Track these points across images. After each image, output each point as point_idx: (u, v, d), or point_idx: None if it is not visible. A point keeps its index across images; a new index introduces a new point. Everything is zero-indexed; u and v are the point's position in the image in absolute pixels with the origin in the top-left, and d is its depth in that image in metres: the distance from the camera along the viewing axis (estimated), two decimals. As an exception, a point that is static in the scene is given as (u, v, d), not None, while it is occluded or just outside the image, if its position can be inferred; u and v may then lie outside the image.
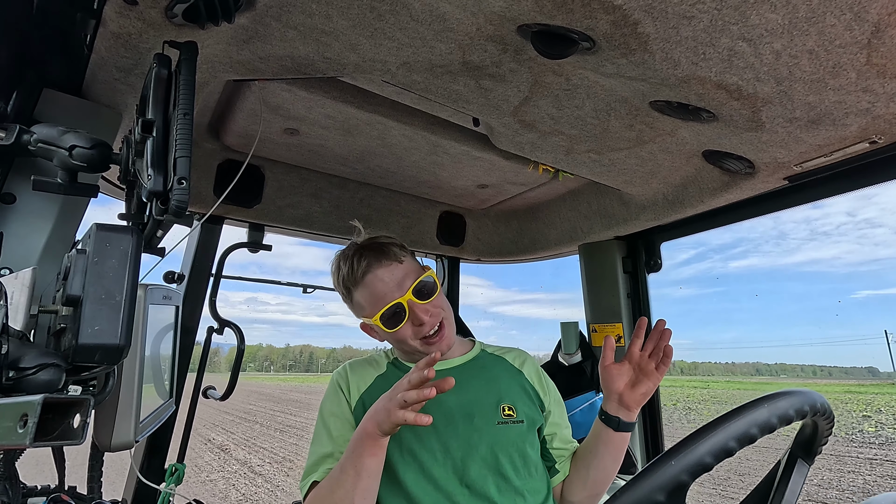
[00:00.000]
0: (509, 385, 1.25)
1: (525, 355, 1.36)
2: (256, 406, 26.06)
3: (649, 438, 1.98)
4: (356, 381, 1.24)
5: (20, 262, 0.85)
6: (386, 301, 1.15)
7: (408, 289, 1.15)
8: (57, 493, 1.00)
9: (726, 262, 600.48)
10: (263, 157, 1.67)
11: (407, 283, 1.16)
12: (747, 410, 0.65)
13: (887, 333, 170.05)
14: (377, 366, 1.29)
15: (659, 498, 0.58)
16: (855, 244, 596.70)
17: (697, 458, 0.60)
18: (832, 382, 69.32)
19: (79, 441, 0.54)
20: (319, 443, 1.16)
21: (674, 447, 0.63)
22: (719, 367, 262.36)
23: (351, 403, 1.20)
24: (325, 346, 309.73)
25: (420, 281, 1.16)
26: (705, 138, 1.22)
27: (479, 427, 1.14)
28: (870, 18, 0.76)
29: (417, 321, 1.15)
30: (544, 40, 0.88)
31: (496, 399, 1.20)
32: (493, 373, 1.27)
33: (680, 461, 0.60)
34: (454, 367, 1.26)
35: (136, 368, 0.95)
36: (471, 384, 1.22)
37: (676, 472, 0.59)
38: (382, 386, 1.21)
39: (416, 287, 1.16)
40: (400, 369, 1.26)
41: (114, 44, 0.89)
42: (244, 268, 27.70)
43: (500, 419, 1.17)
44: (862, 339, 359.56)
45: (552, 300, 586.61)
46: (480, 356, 1.31)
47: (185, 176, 0.63)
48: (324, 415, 1.22)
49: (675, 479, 0.59)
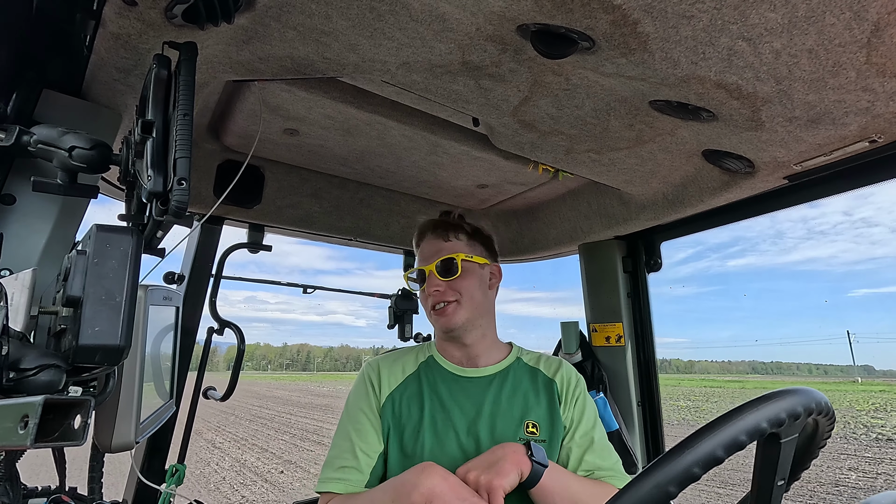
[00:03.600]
0: (538, 400, 1.23)
1: (561, 363, 1.33)
2: (239, 402, 28.32)
3: (649, 438, 1.98)
4: (387, 377, 1.25)
5: (20, 263, 0.85)
6: (420, 264, 1.32)
7: (435, 260, 1.27)
8: (58, 493, 1.00)
9: (724, 261, 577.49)
10: (263, 158, 1.67)
11: (438, 256, 1.28)
12: (752, 408, 0.65)
13: (849, 333, 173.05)
14: (410, 363, 1.29)
15: (671, 490, 0.58)
16: (851, 243, 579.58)
17: (709, 450, 0.60)
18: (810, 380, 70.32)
19: (79, 442, 0.54)
20: (343, 436, 1.19)
21: (683, 441, 0.63)
22: (715, 365, 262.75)
23: (380, 400, 1.21)
24: (322, 345, 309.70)
25: (445, 259, 1.27)
26: (705, 138, 1.22)
27: (499, 441, 1.13)
28: (869, 17, 0.76)
29: (430, 290, 1.26)
30: (544, 40, 0.88)
31: (521, 414, 1.19)
32: (523, 386, 1.25)
33: (689, 455, 0.60)
34: (484, 377, 1.26)
35: (137, 369, 0.95)
36: (499, 397, 1.22)
37: (688, 464, 0.59)
38: (413, 386, 1.25)
39: (440, 263, 1.27)
40: (432, 370, 1.27)
41: (113, 44, 0.89)
42: (243, 267, 27.78)
43: (523, 436, 1.16)
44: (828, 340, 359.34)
45: (551, 299, 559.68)
46: (514, 366, 1.30)
47: (184, 176, 0.63)
48: (350, 409, 1.24)
49: (687, 471, 0.59)
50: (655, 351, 2.00)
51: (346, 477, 1.11)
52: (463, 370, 1.27)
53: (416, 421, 1.18)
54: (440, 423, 1.17)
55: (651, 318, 2.01)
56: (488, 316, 1.32)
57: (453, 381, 1.25)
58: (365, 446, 1.15)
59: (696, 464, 0.59)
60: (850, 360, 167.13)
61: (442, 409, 1.19)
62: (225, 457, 12.84)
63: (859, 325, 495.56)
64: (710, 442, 0.61)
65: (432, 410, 1.19)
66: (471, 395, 1.22)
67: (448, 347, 1.31)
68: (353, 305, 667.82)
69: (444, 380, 1.25)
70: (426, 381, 1.25)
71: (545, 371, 1.30)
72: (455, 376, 1.26)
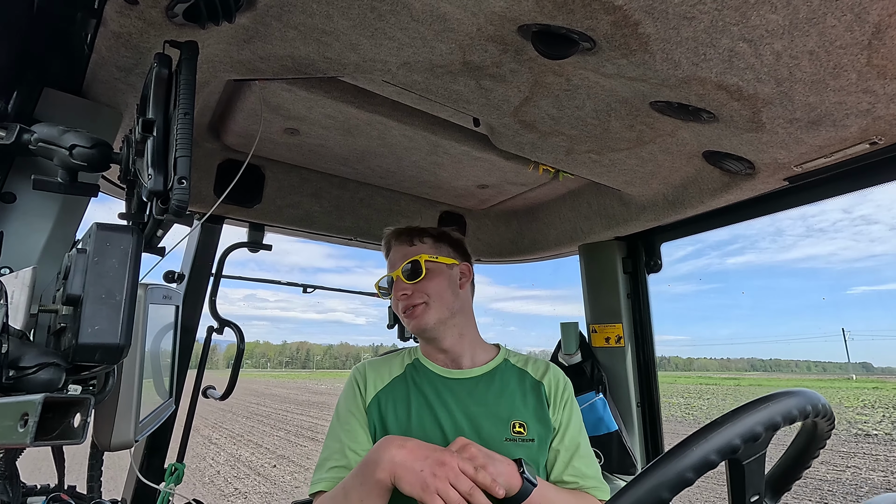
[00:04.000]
0: (525, 401, 1.23)
1: (549, 365, 1.33)
2: (237, 399, 28.68)
3: (649, 438, 1.98)
4: (373, 379, 1.26)
5: (20, 262, 0.85)
6: (388, 271, 1.34)
7: (399, 266, 1.29)
8: (56, 492, 1.00)
9: (724, 259, 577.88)
10: (264, 157, 1.67)
11: (402, 261, 1.29)
12: (751, 409, 0.65)
13: (844, 331, 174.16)
14: (396, 366, 1.30)
15: (664, 495, 0.58)
16: (851, 241, 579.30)
17: (702, 455, 0.60)
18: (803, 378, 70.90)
19: (79, 440, 0.54)
20: (334, 438, 1.20)
21: (678, 445, 0.63)
22: (714, 362, 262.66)
23: (366, 401, 1.23)
24: (321, 343, 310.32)
25: (410, 262, 1.28)
26: (705, 139, 1.22)
27: (486, 441, 1.14)
28: (870, 19, 0.76)
29: (397, 294, 1.28)
30: (545, 41, 0.88)
31: (508, 414, 1.20)
32: (510, 387, 1.26)
33: (683, 459, 0.60)
34: (471, 378, 1.26)
35: (136, 368, 0.95)
36: (486, 396, 1.22)
37: (681, 469, 0.59)
38: (399, 387, 1.25)
39: (404, 268, 1.29)
40: (418, 372, 1.28)
41: (114, 43, 0.89)
42: (243, 265, 27.88)
43: (510, 436, 1.16)
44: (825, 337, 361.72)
45: (551, 297, 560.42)
46: (501, 367, 1.30)
47: (185, 175, 0.63)
48: (339, 411, 1.25)
49: (680, 476, 0.59)
50: (655, 352, 2.01)
51: (335, 476, 1.11)
52: (449, 371, 1.28)
53: (404, 421, 1.18)
54: (427, 423, 1.18)
55: (651, 319, 2.01)
56: (463, 315, 1.31)
57: (440, 383, 1.25)
58: (354, 445, 1.16)
59: (690, 468, 0.60)
60: (848, 358, 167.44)
61: (428, 409, 1.20)
62: (220, 452, 13.23)
63: (858, 323, 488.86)
64: (705, 447, 0.61)
65: (419, 411, 1.20)
66: (457, 395, 1.22)
67: (430, 350, 1.31)
68: (352, 303, 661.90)
69: (430, 381, 1.25)
70: (412, 383, 1.25)
71: (532, 373, 1.30)
72: (442, 378, 1.26)
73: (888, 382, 43.09)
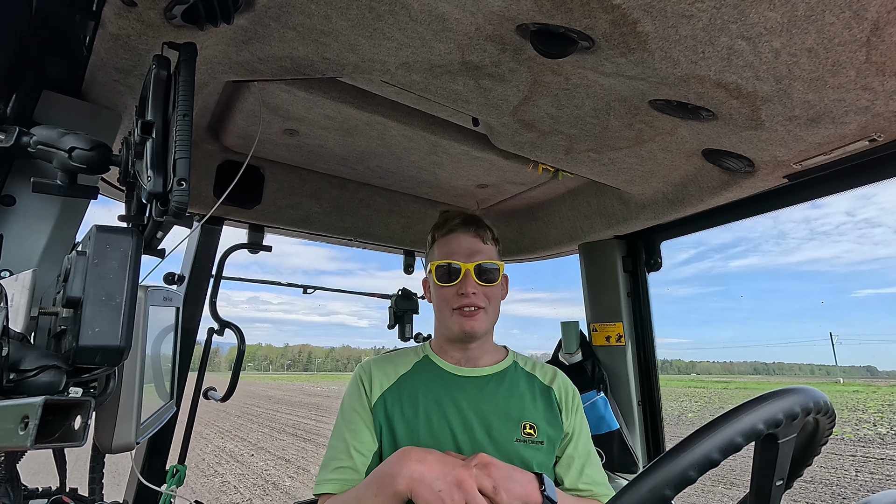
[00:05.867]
0: (535, 404, 1.23)
1: (556, 371, 1.33)
2: (233, 400, 28.61)
3: (650, 437, 1.98)
4: (379, 377, 1.24)
5: (20, 264, 0.85)
6: (452, 258, 1.23)
7: (474, 261, 1.22)
8: (58, 494, 1.00)
9: (726, 262, 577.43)
10: (263, 158, 1.67)
11: (476, 258, 1.23)
12: (752, 407, 0.65)
13: (832, 336, 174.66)
14: (403, 364, 1.28)
15: (667, 493, 0.58)
16: (854, 244, 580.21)
17: (704, 453, 0.60)
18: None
19: (80, 443, 0.53)
20: (338, 438, 1.18)
21: (680, 444, 0.63)
22: (717, 365, 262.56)
23: (371, 400, 1.21)
24: (323, 346, 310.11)
25: (488, 263, 1.23)
26: (705, 137, 1.22)
27: (496, 440, 1.13)
28: (869, 16, 0.76)
29: (464, 290, 1.20)
30: (543, 40, 0.88)
31: (518, 415, 1.19)
32: (520, 388, 1.25)
33: (685, 457, 0.60)
34: (482, 377, 1.26)
35: (137, 370, 0.95)
36: (496, 396, 1.22)
37: (683, 467, 0.59)
38: (406, 386, 1.23)
39: (482, 265, 1.22)
40: (428, 369, 1.26)
41: (113, 45, 0.89)
42: (245, 268, 27.81)
43: (520, 437, 1.16)
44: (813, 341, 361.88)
45: (552, 299, 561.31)
46: (510, 369, 1.30)
47: (184, 177, 0.63)
48: (344, 410, 1.24)
49: (682, 474, 0.59)
50: (656, 350, 2.01)
51: (341, 477, 1.11)
52: (460, 369, 1.27)
53: (412, 420, 1.17)
54: (436, 420, 1.17)
55: (651, 317, 2.01)
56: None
57: (450, 380, 1.24)
58: (360, 445, 1.15)
59: (692, 467, 0.59)
60: (853, 362, 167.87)
61: (437, 406, 1.19)
62: (208, 444, 14.93)
63: (862, 327, 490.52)
64: (707, 444, 0.60)
65: (427, 408, 1.19)
66: (467, 393, 1.22)
67: (449, 349, 1.29)
68: (355, 306, 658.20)
69: (440, 378, 1.25)
70: (421, 380, 1.24)
71: (541, 378, 1.30)
72: (452, 375, 1.26)
73: (871, 386, 43.16)
